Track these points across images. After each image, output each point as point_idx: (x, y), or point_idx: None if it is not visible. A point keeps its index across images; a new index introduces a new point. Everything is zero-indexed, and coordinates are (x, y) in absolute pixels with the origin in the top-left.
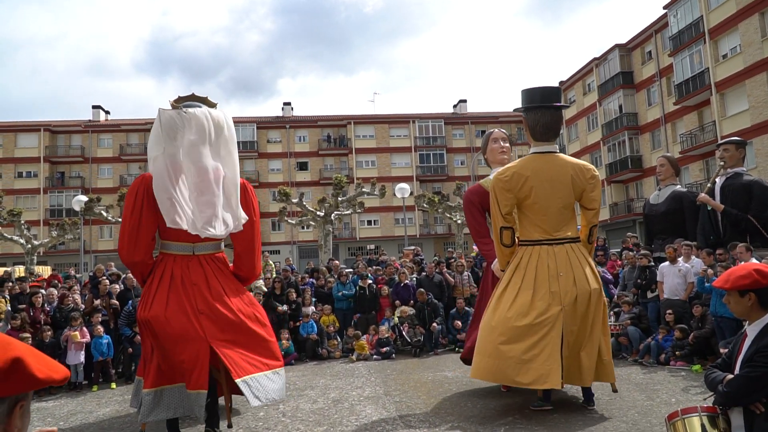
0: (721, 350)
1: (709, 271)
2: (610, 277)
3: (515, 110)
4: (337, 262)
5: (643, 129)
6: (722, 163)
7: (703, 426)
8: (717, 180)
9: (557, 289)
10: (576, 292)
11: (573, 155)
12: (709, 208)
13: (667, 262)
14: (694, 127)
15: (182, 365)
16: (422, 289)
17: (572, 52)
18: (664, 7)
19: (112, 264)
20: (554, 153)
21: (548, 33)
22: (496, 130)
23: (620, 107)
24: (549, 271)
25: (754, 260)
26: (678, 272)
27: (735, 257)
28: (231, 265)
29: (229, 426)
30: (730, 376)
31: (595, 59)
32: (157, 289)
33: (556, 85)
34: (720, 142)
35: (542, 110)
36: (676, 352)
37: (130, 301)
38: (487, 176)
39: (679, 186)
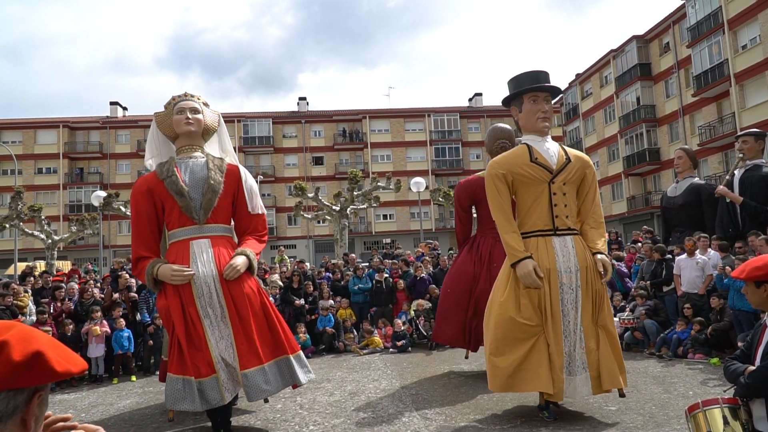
0: (739, 344)
1: (727, 268)
2: (625, 270)
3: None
4: (353, 255)
5: (661, 121)
6: (741, 155)
7: (724, 417)
8: (736, 172)
9: None
10: None
11: (590, 148)
12: (727, 201)
13: (684, 255)
14: (713, 119)
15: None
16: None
17: (590, 43)
18: None
19: None
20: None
21: (569, 24)
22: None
23: (638, 99)
24: None
25: None
26: (695, 265)
27: (753, 248)
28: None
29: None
30: (752, 368)
31: (612, 51)
32: None
33: (551, 75)
34: (739, 133)
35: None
36: (693, 341)
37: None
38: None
39: (697, 178)
